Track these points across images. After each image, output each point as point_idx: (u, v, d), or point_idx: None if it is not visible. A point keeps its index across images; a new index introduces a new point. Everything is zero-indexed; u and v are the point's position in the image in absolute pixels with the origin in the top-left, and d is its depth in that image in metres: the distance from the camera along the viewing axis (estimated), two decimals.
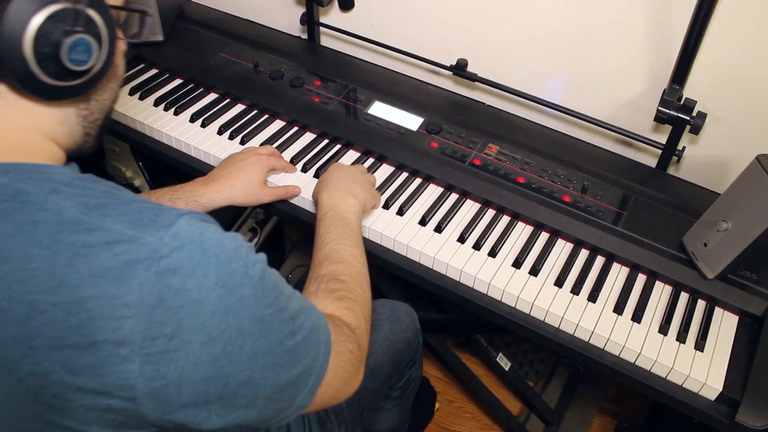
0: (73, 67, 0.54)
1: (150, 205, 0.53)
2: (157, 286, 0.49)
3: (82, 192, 0.52)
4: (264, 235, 1.60)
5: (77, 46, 0.54)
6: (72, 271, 0.48)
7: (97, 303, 0.48)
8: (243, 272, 0.54)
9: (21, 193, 0.50)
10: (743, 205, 0.88)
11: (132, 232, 0.50)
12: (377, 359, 1.02)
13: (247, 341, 0.53)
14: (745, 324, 0.92)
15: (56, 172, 0.54)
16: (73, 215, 0.50)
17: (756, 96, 1.06)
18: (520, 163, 1.10)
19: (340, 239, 0.83)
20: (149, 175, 1.60)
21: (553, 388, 1.55)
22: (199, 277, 0.50)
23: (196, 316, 0.50)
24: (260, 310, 0.55)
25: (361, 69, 1.34)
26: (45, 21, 0.51)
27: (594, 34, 1.14)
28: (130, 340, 0.48)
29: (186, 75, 1.29)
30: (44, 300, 0.48)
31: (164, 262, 0.49)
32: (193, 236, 0.51)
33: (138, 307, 0.48)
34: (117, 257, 0.49)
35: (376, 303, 1.11)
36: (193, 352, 0.50)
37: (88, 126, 0.61)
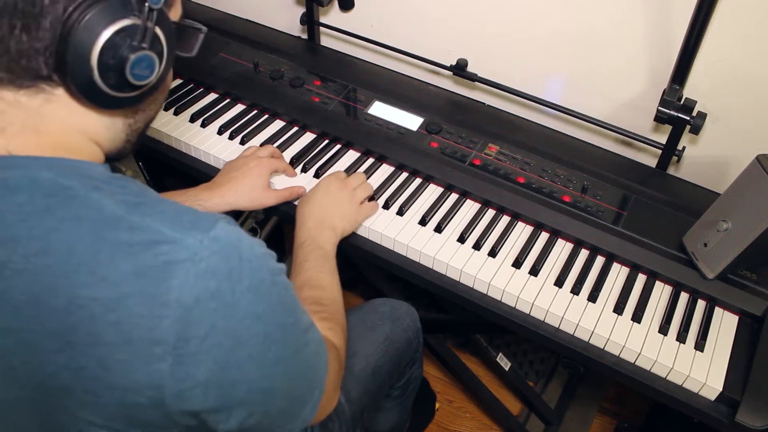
0: (134, 82, 0.55)
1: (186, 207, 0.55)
2: (196, 288, 0.50)
3: (121, 190, 0.53)
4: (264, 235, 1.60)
5: (141, 62, 0.55)
6: (114, 269, 0.49)
7: (136, 301, 0.49)
8: (271, 280, 0.56)
9: (65, 189, 0.51)
10: (743, 205, 0.88)
11: (173, 233, 0.51)
12: (378, 358, 1.02)
13: (272, 348, 0.55)
14: (745, 324, 0.92)
15: (96, 170, 0.55)
16: (115, 213, 0.51)
17: (756, 96, 1.06)
18: (520, 163, 1.10)
19: (318, 267, 0.86)
20: (149, 175, 1.60)
21: (553, 388, 1.55)
22: (234, 281, 0.52)
23: (229, 319, 0.51)
24: (284, 318, 0.57)
25: (361, 69, 1.34)
26: (115, 34, 0.52)
27: (594, 34, 1.14)
28: (164, 339, 0.49)
29: (186, 75, 1.29)
30: (84, 295, 0.49)
31: (203, 265, 0.50)
32: (230, 240, 0.53)
33: (175, 308, 0.49)
34: (158, 257, 0.49)
35: (376, 302, 1.11)
36: (222, 354, 0.52)
37: (131, 134, 0.63)
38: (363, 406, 1.00)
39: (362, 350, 1.01)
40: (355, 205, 0.99)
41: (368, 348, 1.02)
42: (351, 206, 0.98)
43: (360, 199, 1.00)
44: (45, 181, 0.51)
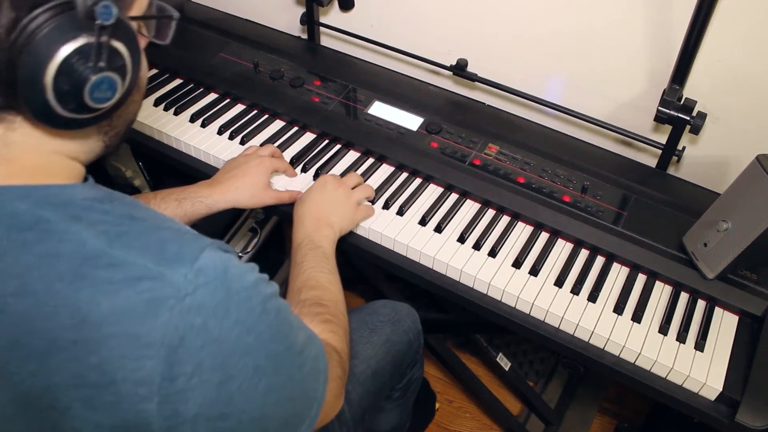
0: (95, 105, 0.51)
1: (172, 234, 0.52)
2: (180, 326, 0.48)
3: (103, 218, 0.51)
4: (264, 235, 1.60)
5: (100, 84, 0.50)
6: (94, 308, 0.47)
7: (118, 342, 0.47)
8: (261, 309, 0.54)
9: (42, 221, 0.49)
10: (743, 205, 0.88)
11: (156, 267, 0.49)
12: (378, 360, 1.02)
13: (262, 379, 0.54)
14: (745, 324, 0.92)
15: (76, 194, 0.53)
16: (95, 247, 0.49)
17: (756, 96, 1.06)
18: (520, 163, 1.10)
19: (316, 267, 0.85)
20: (149, 175, 1.60)
21: (553, 388, 1.55)
22: (221, 316, 0.50)
23: (216, 356, 0.50)
24: (275, 347, 0.55)
25: (361, 69, 1.34)
26: (66, 58, 0.48)
27: (594, 34, 1.14)
28: (150, 380, 0.48)
29: (186, 75, 1.29)
30: (65, 337, 0.47)
31: (188, 301, 0.48)
32: (217, 272, 0.51)
33: (159, 348, 0.47)
34: (140, 295, 0.48)
35: (377, 304, 1.11)
36: (210, 390, 0.50)
37: (109, 140, 0.60)
38: (364, 408, 1.00)
39: (363, 352, 1.01)
40: (352, 203, 0.98)
41: (369, 350, 1.02)
42: (347, 203, 0.97)
43: (357, 198, 0.99)
44: (21, 214, 0.49)
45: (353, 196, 0.99)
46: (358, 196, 1.00)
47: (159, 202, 0.92)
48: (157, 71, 1.31)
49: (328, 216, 0.94)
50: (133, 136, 1.21)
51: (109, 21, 0.49)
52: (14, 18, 0.46)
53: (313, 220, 0.92)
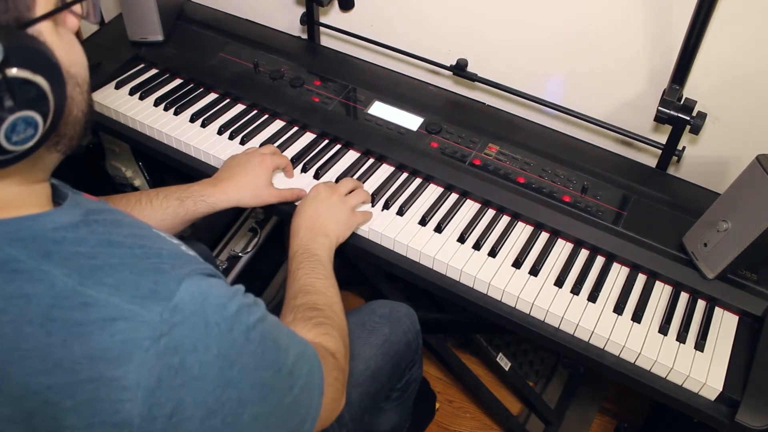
0: (18, 148, 0.46)
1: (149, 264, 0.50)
2: (157, 367, 0.47)
3: (76, 250, 0.49)
4: (264, 235, 1.60)
5: (15, 127, 0.45)
6: (67, 353, 0.46)
7: (94, 386, 0.46)
8: (244, 339, 0.52)
9: (10, 261, 0.47)
10: (743, 205, 0.88)
11: (129, 306, 0.47)
12: (377, 361, 1.02)
13: (247, 408, 0.52)
14: (745, 324, 0.92)
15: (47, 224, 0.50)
16: (66, 286, 0.47)
17: (756, 96, 1.06)
18: (520, 163, 1.10)
19: (312, 273, 0.84)
20: (149, 175, 1.60)
21: (553, 388, 1.55)
22: (200, 353, 0.49)
23: (197, 393, 0.49)
24: (260, 375, 0.54)
25: (361, 69, 1.34)
26: None
27: (594, 34, 1.14)
28: (129, 422, 0.46)
29: (186, 75, 1.29)
30: (39, 382, 0.46)
31: (164, 341, 0.47)
32: (195, 307, 0.49)
33: (136, 390, 0.46)
34: (114, 337, 0.46)
35: (375, 304, 1.11)
36: (192, 426, 0.49)
37: (63, 147, 0.54)
38: (363, 408, 0.99)
39: (361, 353, 1.01)
40: (348, 209, 0.97)
41: (367, 350, 1.02)
42: (343, 211, 0.96)
43: (352, 204, 0.99)
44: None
45: (348, 202, 0.98)
46: (353, 202, 0.99)
47: (161, 201, 0.92)
48: (157, 71, 1.31)
49: (324, 225, 0.93)
50: (133, 136, 1.21)
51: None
52: None
53: (309, 231, 0.92)
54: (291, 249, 0.90)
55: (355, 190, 1.02)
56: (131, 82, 1.27)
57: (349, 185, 1.02)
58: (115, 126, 1.22)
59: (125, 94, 1.24)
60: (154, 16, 1.29)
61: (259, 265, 1.58)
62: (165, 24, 1.31)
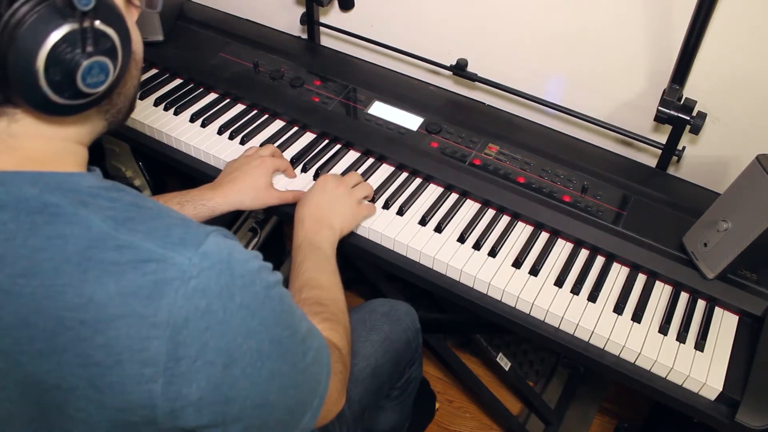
0: (90, 91, 0.52)
1: (177, 221, 0.53)
2: (185, 307, 0.49)
3: (110, 204, 0.52)
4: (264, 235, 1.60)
5: (92, 70, 0.50)
6: (101, 289, 0.48)
7: (124, 322, 0.48)
8: (265, 294, 0.55)
9: (50, 206, 0.50)
10: (743, 205, 0.88)
11: (161, 250, 0.49)
12: (378, 359, 1.02)
13: (266, 363, 0.54)
14: (745, 324, 0.92)
15: (83, 182, 0.53)
16: (102, 230, 0.49)
17: (756, 96, 1.06)
18: (520, 163, 1.10)
19: (316, 267, 0.85)
20: (149, 175, 1.60)
21: (553, 388, 1.55)
22: (225, 299, 0.51)
23: (220, 338, 0.51)
24: (279, 332, 0.56)
25: (361, 69, 1.34)
26: (53, 48, 0.48)
27: (594, 34, 1.14)
28: (155, 360, 0.48)
29: (186, 75, 1.29)
30: (72, 317, 0.48)
31: (193, 283, 0.49)
32: (221, 256, 0.51)
33: (165, 328, 0.48)
34: (146, 276, 0.48)
35: (375, 303, 1.11)
36: (214, 373, 0.51)
37: (111, 118, 0.60)
38: (363, 406, 1.00)
39: (362, 351, 1.01)
40: (353, 202, 0.98)
41: (368, 348, 1.02)
42: (348, 203, 0.97)
43: (358, 197, 0.99)
44: (30, 199, 0.50)
45: (354, 195, 0.99)
46: (358, 194, 1.00)
47: None
48: (157, 71, 1.31)
49: (329, 217, 0.94)
50: (133, 136, 1.21)
51: (89, 5, 0.48)
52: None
53: (313, 222, 0.92)
54: (296, 239, 0.91)
55: (360, 184, 1.03)
56: None
57: (355, 179, 1.03)
58: None
59: None
60: (154, 16, 1.29)
61: None
62: (165, 24, 1.31)
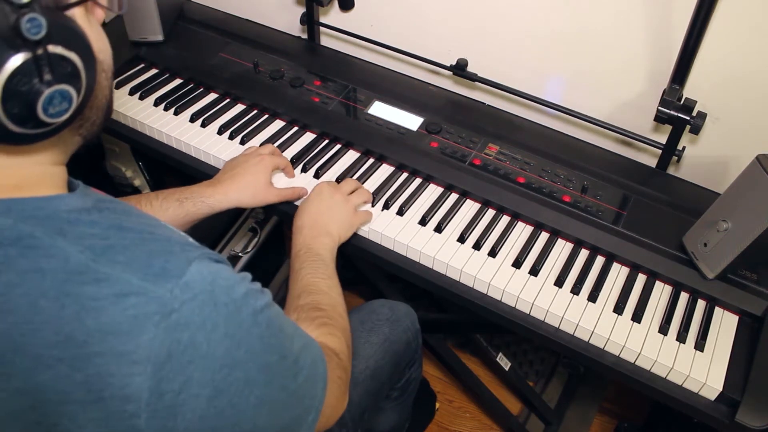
0: (54, 120, 0.49)
1: (160, 246, 0.51)
2: (167, 342, 0.47)
3: (89, 230, 0.50)
4: (264, 235, 1.60)
5: (53, 100, 0.48)
6: (80, 326, 0.46)
7: (104, 360, 0.47)
8: (251, 321, 0.53)
9: (25, 237, 0.48)
10: (743, 205, 0.88)
11: (141, 282, 0.48)
12: (377, 360, 1.02)
13: (253, 391, 0.53)
14: (745, 324, 0.92)
15: (62, 206, 0.51)
16: (80, 262, 0.48)
17: (756, 96, 1.06)
18: (520, 163, 1.10)
19: (315, 273, 0.85)
20: (149, 175, 1.60)
21: (553, 388, 1.55)
22: (208, 331, 0.50)
23: (205, 371, 0.49)
24: (266, 359, 0.55)
25: (361, 69, 1.34)
26: (8, 81, 0.45)
27: (594, 34, 1.14)
28: (137, 396, 0.47)
29: (186, 75, 1.29)
30: (50, 354, 0.46)
31: (174, 317, 0.48)
32: (204, 286, 0.50)
33: (146, 364, 0.47)
34: (126, 311, 0.47)
35: (375, 304, 1.11)
36: (200, 405, 0.50)
37: (86, 132, 0.57)
38: (363, 407, 1.00)
39: (361, 352, 1.01)
40: (350, 209, 0.98)
41: (367, 349, 1.02)
42: (345, 210, 0.97)
43: (355, 204, 0.99)
44: (3, 230, 0.48)
45: (350, 202, 0.99)
46: (355, 201, 1.00)
47: (161, 202, 0.92)
48: (157, 71, 1.31)
49: (326, 224, 0.93)
50: (133, 136, 1.21)
51: (40, 34, 0.45)
52: None
53: (311, 230, 0.92)
54: (294, 247, 0.91)
55: (357, 190, 1.03)
56: (131, 82, 1.27)
57: (351, 185, 1.03)
58: (115, 126, 1.22)
59: (125, 94, 1.24)
60: (154, 16, 1.29)
61: (259, 265, 1.58)
62: (165, 24, 1.31)
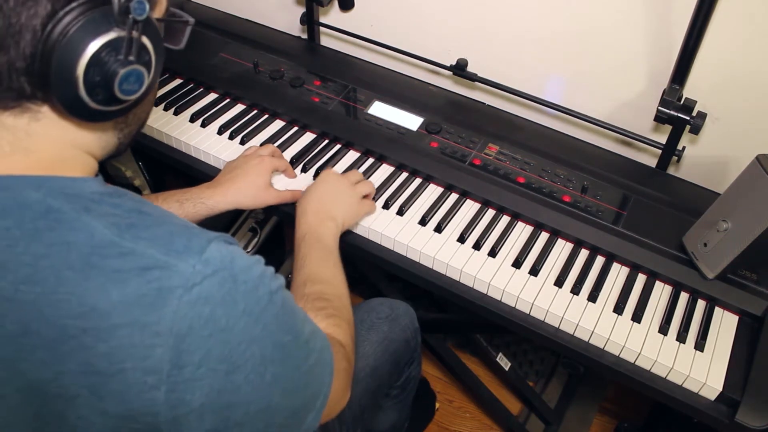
0: (123, 97, 0.53)
1: (180, 227, 0.53)
2: (189, 315, 0.49)
3: (113, 210, 0.52)
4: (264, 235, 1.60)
5: (129, 77, 0.52)
6: (104, 297, 0.48)
7: (127, 331, 0.48)
8: (267, 300, 0.55)
9: (53, 211, 0.50)
10: (743, 205, 0.88)
11: (165, 257, 0.49)
12: (377, 359, 1.02)
13: (269, 368, 0.54)
14: (745, 324, 0.92)
15: (87, 188, 0.53)
16: (105, 237, 0.49)
17: (756, 96, 1.06)
18: (520, 163, 1.10)
19: (320, 262, 0.85)
20: (149, 175, 1.60)
21: (553, 388, 1.55)
22: (228, 306, 0.51)
23: (223, 345, 0.51)
24: (281, 337, 0.56)
25: (361, 69, 1.34)
26: (99, 50, 0.49)
27: (594, 34, 1.14)
28: (158, 368, 0.48)
29: (186, 75, 1.29)
30: (75, 325, 0.48)
31: (196, 291, 0.49)
32: (224, 263, 0.51)
33: (168, 336, 0.48)
34: (150, 284, 0.48)
35: (374, 302, 1.11)
36: (217, 380, 0.51)
37: (123, 137, 0.61)
38: (363, 406, 1.00)
39: (361, 350, 1.01)
40: (356, 197, 0.98)
41: (367, 348, 1.02)
42: (351, 196, 0.97)
43: (360, 193, 0.99)
44: (33, 204, 0.50)
45: (356, 189, 0.99)
46: (360, 190, 1.00)
47: (161, 204, 0.92)
48: None
49: (331, 209, 0.94)
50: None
51: (142, 16, 0.51)
52: (50, 11, 0.47)
53: (316, 213, 0.92)
54: (298, 231, 0.91)
55: (362, 181, 1.03)
56: None
57: (357, 176, 1.03)
58: None
59: None
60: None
61: None
62: None
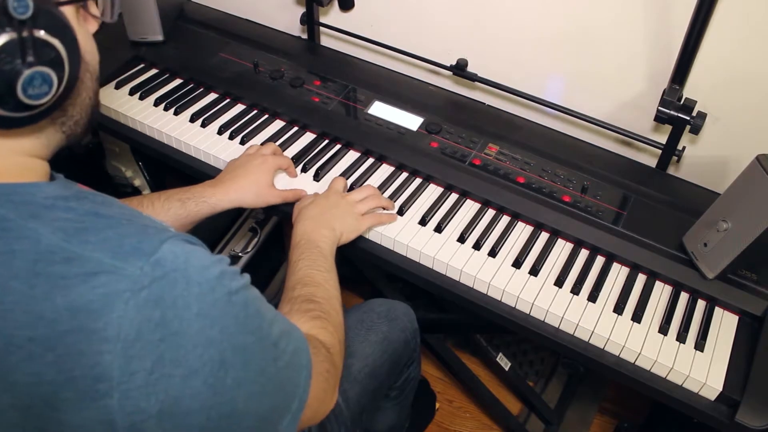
0: (32, 102, 0.49)
1: (134, 229, 0.51)
2: (137, 320, 0.47)
3: (64, 215, 0.50)
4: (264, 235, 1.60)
5: (33, 80, 0.48)
6: (50, 305, 0.46)
7: (74, 338, 0.46)
8: (226, 301, 0.53)
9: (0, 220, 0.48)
10: (743, 205, 0.88)
11: (112, 261, 0.48)
12: (376, 359, 1.02)
13: (229, 372, 0.52)
14: (745, 324, 0.92)
15: (39, 193, 0.51)
16: (51, 242, 0.48)
17: (756, 96, 1.06)
18: (520, 163, 1.10)
19: (312, 265, 0.84)
20: (149, 175, 1.60)
21: (553, 388, 1.55)
22: (180, 309, 0.49)
23: (177, 349, 0.49)
24: (242, 339, 0.54)
25: (361, 69, 1.34)
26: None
27: (594, 34, 1.14)
28: (108, 375, 0.47)
29: (186, 75, 1.29)
30: (21, 335, 0.47)
31: (144, 294, 0.47)
32: (176, 264, 0.50)
33: (116, 342, 0.47)
34: (95, 290, 0.47)
35: (373, 302, 1.11)
36: (173, 385, 0.49)
37: (69, 130, 0.57)
38: (362, 406, 1.00)
39: (360, 351, 1.01)
40: (356, 212, 0.97)
41: (366, 348, 1.02)
42: (350, 212, 0.96)
43: (360, 210, 0.98)
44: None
45: (357, 207, 0.98)
46: (361, 207, 0.98)
47: (163, 203, 0.92)
48: (157, 71, 1.31)
49: (329, 220, 0.93)
50: (133, 136, 1.21)
51: (26, 14, 0.46)
52: None
53: (312, 221, 0.92)
54: (294, 236, 0.90)
55: (367, 198, 1.00)
56: (131, 82, 1.27)
57: (363, 193, 1.01)
58: (115, 126, 1.22)
59: (125, 94, 1.24)
60: (154, 16, 1.29)
61: (259, 264, 1.58)
62: (165, 24, 1.31)
